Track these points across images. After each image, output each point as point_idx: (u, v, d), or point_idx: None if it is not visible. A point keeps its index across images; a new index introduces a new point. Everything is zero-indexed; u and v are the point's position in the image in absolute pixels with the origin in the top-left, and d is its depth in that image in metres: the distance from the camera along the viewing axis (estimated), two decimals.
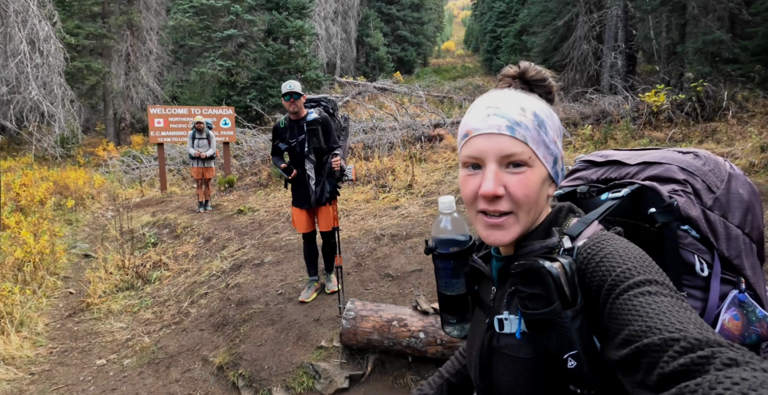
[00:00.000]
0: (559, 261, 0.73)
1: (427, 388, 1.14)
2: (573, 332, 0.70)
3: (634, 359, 0.61)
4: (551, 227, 0.84)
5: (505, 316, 0.83)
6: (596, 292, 0.71)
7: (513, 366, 0.80)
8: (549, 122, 0.81)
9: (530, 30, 20.78)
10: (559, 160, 0.84)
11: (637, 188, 0.93)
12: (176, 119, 10.41)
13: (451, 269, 0.94)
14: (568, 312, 0.70)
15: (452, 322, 0.99)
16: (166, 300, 4.84)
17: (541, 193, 0.81)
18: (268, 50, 15.98)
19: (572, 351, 0.70)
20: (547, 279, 0.71)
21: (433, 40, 39.89)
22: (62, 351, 3.96)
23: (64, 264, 6.17)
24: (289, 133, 3.81)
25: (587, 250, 0.75)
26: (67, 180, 10.44)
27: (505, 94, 0.82)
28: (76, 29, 16.75)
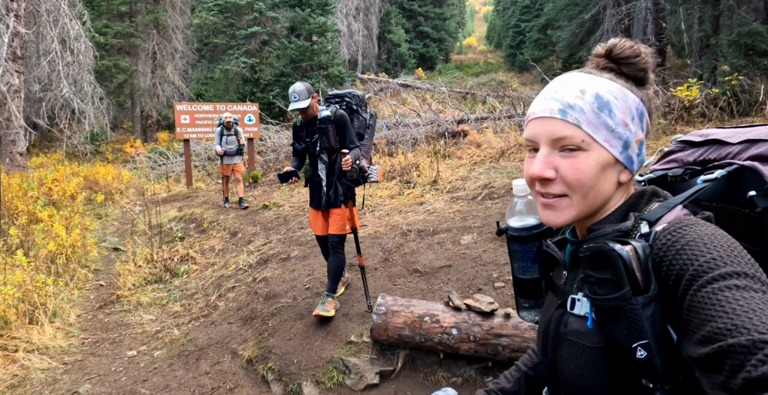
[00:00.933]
0: (632, 245, 0.68)
1: (504, 381, 1.11)
2: (644, 320, 0.65)
3: (716, 359, 0.57)
4: (629, 212, 0.79)
5: (579, 297, 0.80)
6: (675, 283, 0.65)
7: (579, 354, 0.78)
8: (618, 103, 0.76)
9: (555, 24, 20.41)
10: (633, 144, 0.78)
11: (736, 169, 0.84)
12: (202, 115, 10.53)
13: (526, 252, 0.94)
14: (639, 299, 0.65)
15: (525, 306, 1.00)
16: (194, 294, 4.87)
17: (603, 179, 0.77)
18: (291, 47, 16.04)
19: (642, 341, 0.65)
20: (617, 263, 0.67)
21: (455, 36, 39.57)
22: (94, 342, 4.01)
23: (95, 257, 6.28)
24: (305, 132, 3.65)
25: (666, 236, 0.69)
26: (97, 175, 10.66)
27: (569, 77, 0.80)
28: (105, 28, 17.11)
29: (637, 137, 0.78)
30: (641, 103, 0.79)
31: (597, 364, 0.75)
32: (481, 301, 2.97)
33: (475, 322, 2.89)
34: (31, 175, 9.83)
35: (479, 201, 6.34)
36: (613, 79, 0.79)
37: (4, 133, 10.40)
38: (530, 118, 0.81)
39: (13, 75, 10.04)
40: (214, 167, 12.44)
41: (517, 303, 1.01)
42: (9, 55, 9.92)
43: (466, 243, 4.68)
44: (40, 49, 11.84)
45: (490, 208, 5.75)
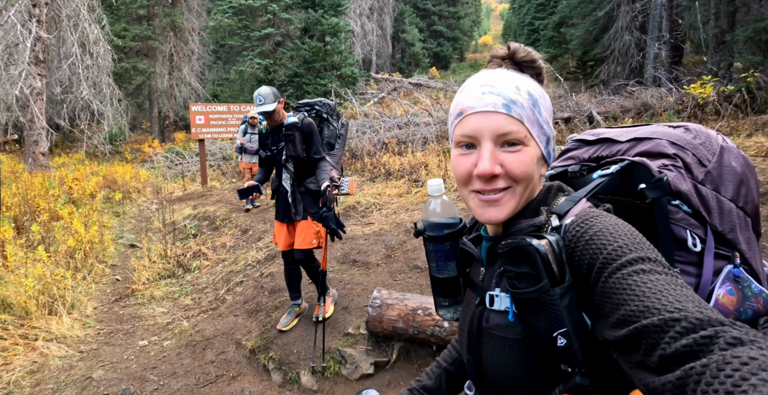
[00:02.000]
0: (547, 239, 0.72)
1: (425, 379, 1.14)
2: (562, 310, 0.68)
3: (632, 340, 0.60)
4: (540, 206, 0.83)
5: (496, 293, 0.83)
6: (587, 271, 0.69)
7: (501, 346, 0.80)
8: (542, 102, 0.81)
9: (569, 21, 20.23)
10: (551, 141, 0.84)
11: (627, 164, 0.92)
12: (216, 116, 10.75)
13: (442, 252, 0.94)
14: (557, 290, 0.69)
15: (444, 305, 0.99)
16: (205, 288, 5.06)
17: (536, 173, 0.81)
18: (305, 48, 16.25)
19: (561, 329, 0.68)
20: (535, 257, 0.70)
21: (470, 35, 39.39)
22: (108, 333, 4.22)
23: (112, 253, 6.52)
24: (270, 139, 3.45)
25: (575, 228, 0.74)
26: (115, 174, 10.99)
27: (498, 73, 0.82)
28: (123, 32, 17.55)
29: (553, 133, 0.84)
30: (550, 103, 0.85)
31: (520, 355, 0.77)
32: None
33: None
34: (53, 175, 10.19)
35: None
36: (531, 79, 0.84)
37: (27, 134, 10.79)
38: (467, 113, 0.79)
39: (35, 78, 10.43)
40: (229, 166, 12.69)
41: (436, 303, 1.00)
42: (32, 59, 10.29)
43: None
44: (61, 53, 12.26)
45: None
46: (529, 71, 0.86)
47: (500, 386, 0.82)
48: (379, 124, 11.70)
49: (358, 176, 9.17)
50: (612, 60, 16.84)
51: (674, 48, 15.14)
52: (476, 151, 0.79)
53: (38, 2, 10.37)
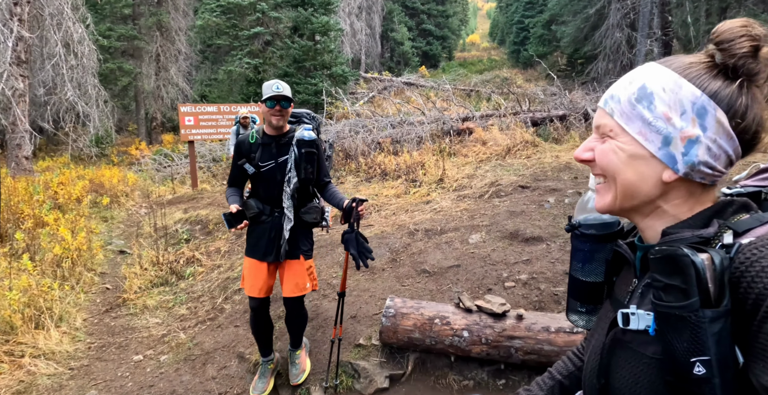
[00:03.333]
0: (708, 253, 0.62)
1: (536, 389, 1.06)
2: (708, 335, 0.60)
3: None
4: (713, 218, 0.71)
5: (632, 310, 0.74)
6: (754, 303, 0.59)
7: (636, 363, 0.72)
8: (664, 96, 0.69)
9: (560, 19, 20.25)
10: (676, 140, 0.69)
11: None
12: (206, 117, 10.50)
13: (587, 252, 0.89)
14: (708, 312, 0.60)
15: (581, 311, 0.94)
16: (200, 296, 4.83)
17: (632, 170, 0.73)
18: (295, 47, 16.00)
19: (703, 357, 0.60)
20: (689, 270, 0.61)
21: (458, 34, 39.39)
22: (100, 347, 3.98)
23: (101, 260, 6.26)
24: (261, 152, 2.71)
25: (752, 250, 0.62)
26: (102, 178, 10.67)
27: (637, 69, 0.78)
28: (108, 31, 17.15)
29: (685, 134, 0.69)
30: (706, 98, 0.68)
31: (654, 376, 0.70)
32: (492, 302, 2.91)
33: (487, 324, 2.82)
34: (37, 179, 9.84)
35: (486, 199, 6.26)
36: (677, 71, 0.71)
37: (10, 137, 10.42)
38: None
39: (17, 79, 10.06)
40: (219, 168, 12.42)
41: (570, 306, 0.96)
42: (13, 60, 9.93)
43: (474, 243, 4.61)
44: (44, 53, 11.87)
45: (497, 206, 5.68)
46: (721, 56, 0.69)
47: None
48: (372, 124, 11.53)
49: (353, 177, 8.98)
50: (603, 57, 16.87)
51: (665, 45, 15.16)
52: None
53: (20, 1, 10.01)
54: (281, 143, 2.74)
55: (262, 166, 2.71)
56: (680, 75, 0.71)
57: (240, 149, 2.76)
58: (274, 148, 2.72)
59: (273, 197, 2.75)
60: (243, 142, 2.76)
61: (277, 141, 2.73)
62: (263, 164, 2.71)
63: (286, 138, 2.75)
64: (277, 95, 2.57)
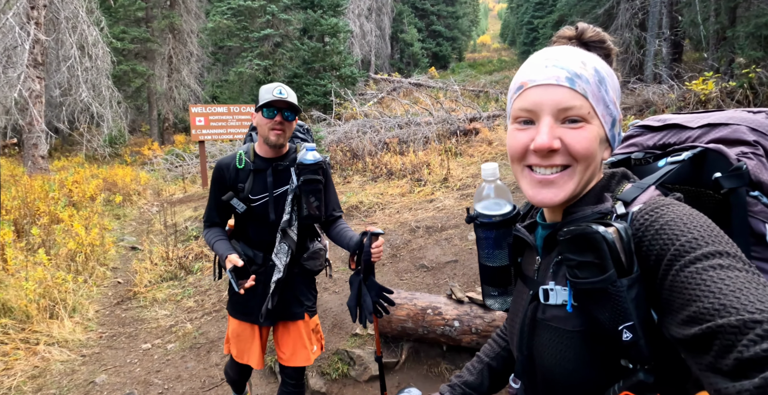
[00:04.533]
0: (614, 226, 0.67)
1: (467, 374, 1.11)
2: (629, 302, 0.64)
3: (704, 339, 0.56)
4: (603, 193, 0.78)
5: (551, 286, 0.79)
6: (655, 262, 0.65)
7: (559, 339, 0.76)
8: (609, 81, 0.77)
9: (568, 19, 20.19)
10: (617, 123, 0.79)
11: (700, 151, 0.85)
12: (216, 117, 10.71)
13: (493, 239, 0.91)
14: (624, 281, 0.65)
15: (494, 294, 0.96)
16: (207, 290, 5.00)
17: (598, 154, 0.76)
18: (304, 48, 16.20)
19: (628, 323, 0.64)
20: (601, 245, 0.66)
21: (469, 35, 39.39)
22: (111, 336, 4.15)
23: (113, 255, 6.46)
24: (253, 182, 2.05)
25: (644, 216, 0.69)
26: (116, 177, 10.93)
27: (564, 48, 0.78)
28: (122, 34, 17.50)
29: (620, 117, 0.79)
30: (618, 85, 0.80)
31: (578, 348, 0.74)
32: None
33: (477, 314, 2.93)
34: (53, 178, 10.12)
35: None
36: (599, 57, 0.80)
37: (26, 137, 10.73)
38: (528, 86, 0.75)
39: (34, 81, 10.37)
40: None
41: (484, 292, 0.98)
42: (30, 62, 10.24)
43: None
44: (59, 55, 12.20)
45: None
46: (597, 52, 0.81)
47: (554, 381, 0.78)
48: (380, 124, 11.67)
49: (360, 176, 9.11)
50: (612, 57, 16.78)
51: (674, 45, 15.10)
52: (534, 127, 0.75)
53: (36, 4, 10.31)
54: (279, 169, 2.06)
55: (253, 200, 2.03)
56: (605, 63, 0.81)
57: (222, 177, 2.06)
58: (270, 176, 2.04)
59: (265, 241, 2.08)
60: (226, 167, 2.06)
61: (274, 166, 2.05)
62: (255, 198, 2.03)
63: (285, 161, 2.07)
64: (278, 101, 1.92)
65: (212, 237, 2.12)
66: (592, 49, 0.82)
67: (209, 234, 2.13)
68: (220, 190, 2.09)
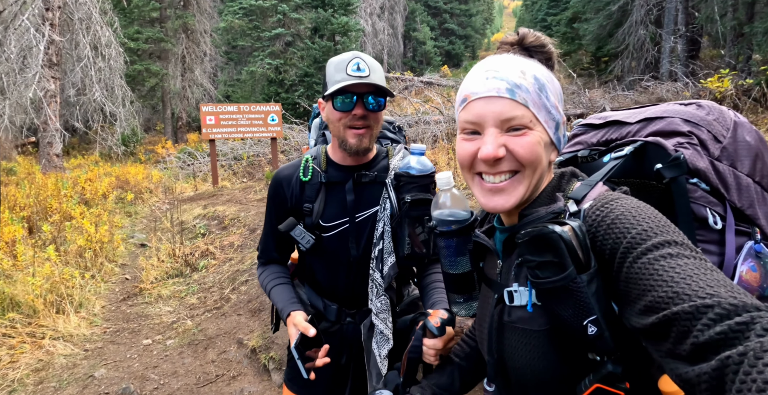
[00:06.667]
0: (569, 225, 0.69)
1: (437, 375, 1.12)
2: (590, 297, 0.66)
3: (662, 327, 0.58)
4: (555, 193, 0.81)
5: (515, 288, 0.81)
6: (610, 256, 0.68)
7: (527, 339, 0.78)
8: (550, 86, 0.80)
9: (582, 17, 19.94)
10: (561, 126, 0.82)
11: (641, 145, 0.89)
12: (226, 116, 10.82)
13: (454, 247, 0.92)
14: (583, 277, 0.66)
15: (459, 301, 0.97)
16: (211, 287, 5.06)
17: (545, 158, 0.79)
18: (315, 47, 16.27)
19: (591, 317, 0.66)
20: (559, 244, 0.67)
21: (482, 33, 39.14)
22: (114, 331, 4.23)
23: (122, 252, 6.57)
24: (325, 200, 1.44)
25: (595, 212, 0.72)
26: (128, 175, 11.11)
27: (503, 58, 0.81)
28: (136, 34, 17.78)
29: (563, 119, 0.82)
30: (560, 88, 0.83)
31: (546, 346, 0.76)
32: None
33: None
34: (66, 175, 10.34)
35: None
36: (539, 64, 0.83)
37: (42, 135, 10.98)
38: (471, 99, 0.77)
39: (49, 81, 10.60)
40: (240, 166, 12.75)
41: (450, 299, 1.00)
42: (45, 62, 10.47)
43: None
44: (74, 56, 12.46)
45: None
46: (538, 56, 0.85)
47: (526, 381, 0.80)
48: None
49: None
50: (626, 55, 16.56)
51: (691, 41, 14.81)
52: (480, 137, 0.77)
53: (51, 6, 10.54)
54: (363, 182, 1.44)
55: (325, 227, 1.43)
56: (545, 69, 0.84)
57: (280, 195, 1.47)
58: (350, 193, 1.42)
59: (340, 287, 1.49)
60: (286, 182, 1.47)
61: (356, 178, 1.44)
62: (328, 224, 1.43)
63: (373, 170, 1.46)
64: (358, 84, 1.30)
65: (269, 280, 1.52)
66: (533, 54, 0.85)
67: (265, 276, 1.54)
68: (278, 213, 1.47)
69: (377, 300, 1.39)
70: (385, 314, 1.38)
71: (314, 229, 1.42)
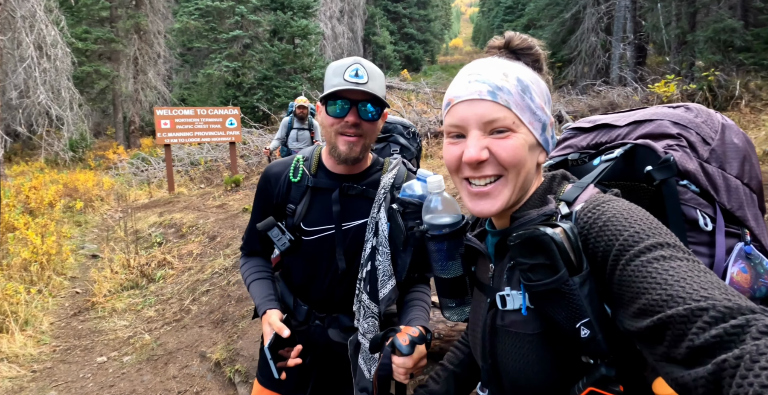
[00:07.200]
0: (561, 227, 0.68)
1: (432, 383, 1.10)
2: (583, 299, 0.65)
3: (656, 331, 0.57)
4: (546, 195, 0.81)
5: (507, 292, 0.80)
6: (602, 258, 0.66)
7: (520, 343, 0.77)
8: (534, 88, 0.79)
9: (537, 23, 20.57)
10: (548, 127, 0.81)
11: (630, 147, 0.89)
12: (183, 120, 10.47)
13: (445, 251, 0.92)
14: (576, 279, 0.66)
15: (451, 306, 0.96)
16: (169, 298, 4.84)
17: (530, 160, 0.78)
18: (274, 50, 16.03)
19: (584, 320, 0.65)
20: (550, 246, 0.66)
21: (441, 38, 39.77)
22: (65, 350, 3.97)
23: (72, 264, 6.21)
24: (310, 204, 1.41)
25: (587, 214, 0.71)
26: (77, 182, 10.56)
27: (487, 61, 0.81)
28: (85, 34, 16.98)
29: (551, 120, 0.81)
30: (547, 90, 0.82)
31: (540, 350, 0.74)
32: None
33: (440, 319, 2.89)
34: (8, 183, 9.71)
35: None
36: (524, 66, 0.82)
37: None
38: (455, 103, 0.78)
39: None
40: (197, 172, 12.36)
41: (442, 304, 0.99)
42: None
43: None
44: (16, 56, 11.73)
45: None
46: (525, 59, 0.84)
47: (520, 385, 0.79)
48: None
49: None
50: (579, 61, 17.18)
51: (638, 48, 15.51)
52: (465, 141, 0.77)
53: None
54: (351, 194, 1.39)
55: (307, 231, 1.40)
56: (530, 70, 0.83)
57: (268, 190, 1.45)
58: (336, 203, 1.37)
59: (316, 291, 1.46)
60: (275, 178, 1.44)
61: (343, 188, 1.38)
62: (309, 229, 1.40)
63: (362, 183, 1.40)
64: (352, 90, 1.26)
65: (249, 273, 1.49)
66: (521, 57, 0.84)
67: (246, 268, 1.51)
68: (264, 208, 1.45)
69: (364, 321, 1.33)
70: (372, 334, 1.31)
71: (294, 230, 1.41)
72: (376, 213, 1.33)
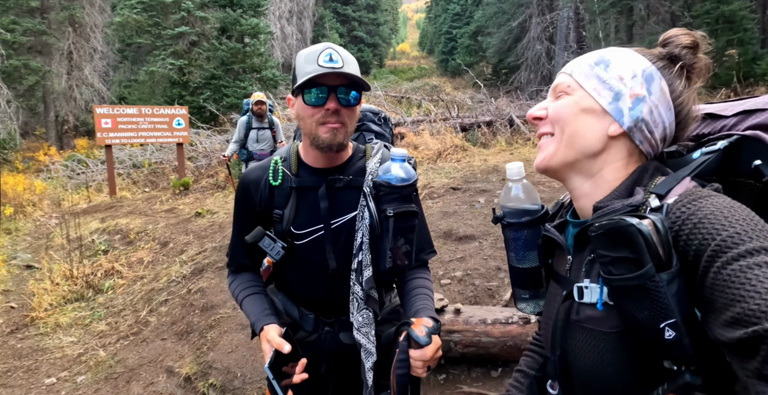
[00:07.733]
0: (649, 218, 0.62)
1: (515, 392, 1.03)
2: (669, 298, 0.60)
3: (750, 344, 0.52)
4: (634, 186, 0.75)
5: (586, 284, 0.74)
6: (694, 258, 0.61)
7: (595, 341, 0.72)
8: (619, 62, 0.78)
9: (485, 31, 21.18)
10: (625, 97, 0.76)
11: (737, 139, 0.79)
12: (126, 120, 9.87)
13: (523, 240, 0.91)
14: (663, 275, 0.60)
15: (525, 297, 0.95)
16: (122, 310, 4.49)
17: (582, 122, 0.78)
18: (223, 49, 15.48)
19: (670, 320, 0.60)
20: (637, 238, 0.61)
21: (389, 42, 40.08)
22: (5, 372, 3.57)
23: (4, 276, 5.66)
24: (296, 207, 1.31)
25: (681, 209, 0.65)
26: (5, 186, 9.67)
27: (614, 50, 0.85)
28: (12, 25, 15.66)
29: (634, 92, 0.76)
30: (654, 68, 0.77)
31: (616, 351, 0.70)
32: None
33: None
34: None
35: None
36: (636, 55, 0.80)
37: None
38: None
39: None
40: (140, 175, 11.69)
41: (515, 295, 0.96)
42: None
43: None
44: None
45: (431, 208, 5.78)
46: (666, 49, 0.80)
47: (591, 386, 0.73)
48: None
49: None
50: (525, 67, 17.84)
51: None
52: None
53: None
54: (337, 187, 1.32)
55: (298, 235, 1.32)
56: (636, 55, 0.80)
57: (248, 199, 1.36)
58: (324, 200, 1.30)
59: (317, 296, 1.39)
60: (254, 186, 1.35)
61: (330, 182, 1.32)
62: (300, 232, 1.32)
63: (348, 173, 1.34)
64: (331, 73, 1.18)
65: (240, 290, 1.40)
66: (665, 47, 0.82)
67: (235, 286, 1.42)
68: (248, 219, 1.35)
69: (359, 314, 1.28)
70: (368, 328, 1.28)
71: (286, 236, 1.31)
72: (365, 200, 1.26)
